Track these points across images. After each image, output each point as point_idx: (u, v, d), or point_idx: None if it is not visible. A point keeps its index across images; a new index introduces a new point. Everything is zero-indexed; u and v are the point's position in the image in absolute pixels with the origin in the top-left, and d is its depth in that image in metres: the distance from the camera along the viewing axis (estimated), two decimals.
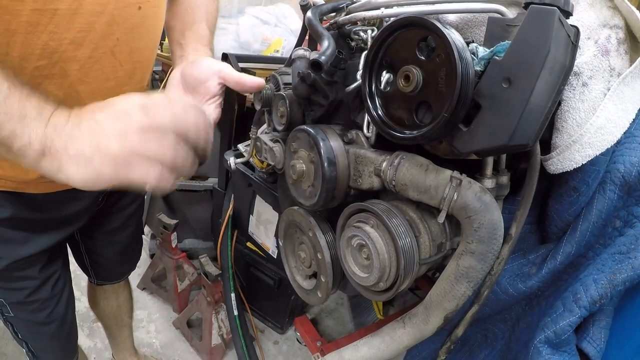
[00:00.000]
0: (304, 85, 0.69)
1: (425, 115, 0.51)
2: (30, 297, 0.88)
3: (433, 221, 0.58)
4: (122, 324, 1.41)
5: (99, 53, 0.66)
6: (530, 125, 0.45)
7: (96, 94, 0.70)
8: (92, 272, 1.19)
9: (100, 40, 0.65)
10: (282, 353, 1.74)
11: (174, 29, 0.82)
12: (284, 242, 0.84)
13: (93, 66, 0.67)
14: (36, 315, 0.92)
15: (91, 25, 0.63)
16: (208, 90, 0.73)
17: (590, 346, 0.62)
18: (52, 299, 0.93)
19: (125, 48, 0.70)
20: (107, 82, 0.71)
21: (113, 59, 0.69)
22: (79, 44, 0.63)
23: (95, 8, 0.62)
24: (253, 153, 0.91)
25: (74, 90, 0.67)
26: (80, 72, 0.66)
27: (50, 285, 0.91)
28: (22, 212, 0.79)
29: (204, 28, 0.82)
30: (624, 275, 0.58)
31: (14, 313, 0.90)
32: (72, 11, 0.59)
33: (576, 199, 0.63)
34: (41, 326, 0.95)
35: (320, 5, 0.77)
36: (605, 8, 0.57)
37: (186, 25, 0.81)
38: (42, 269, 0.88)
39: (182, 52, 0.78)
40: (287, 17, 1.90)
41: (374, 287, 0.58)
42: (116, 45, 0.68)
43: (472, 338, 0.86)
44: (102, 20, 0.63)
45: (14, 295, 0.87)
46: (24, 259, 0.83)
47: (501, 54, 0.45)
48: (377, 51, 0.54)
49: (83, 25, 0.62)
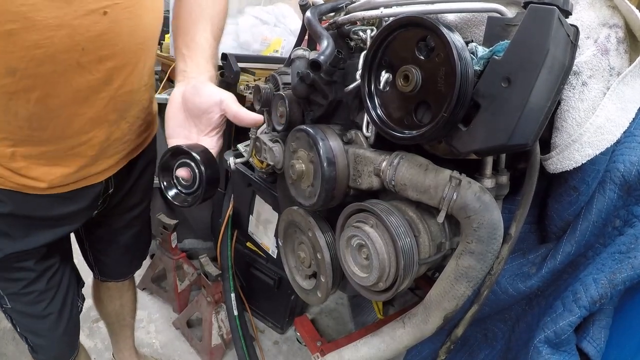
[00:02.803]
0: (303, 85, 0.69)
1: (424, 115, 0.51)
2: (27, 289, 0.89)
3: (432, 221, 0.58)
4: (124, 323, 1.41)
5: (63, 66, 0.63)
6: (530, 124, 0.45)
7: (67, 104, 0.69)
8: (96, 268, 1.21)
9: (63, 53, 0.62)
10: (282, 353, 1.74)
11: (177, 34, 0.80)
12: (283, 242, 0.84)
13: (58, 79, 0.64)
14: (33, 308, 0.93)
15: (49, 40, 0.59)
16: (210, 122, 0.71)
17: (590, 346, 0.62)
18: (48, 292, 0.93)
19: (94, 57, 0.66)
20: (78, 93, 0.68)
21: (80, 69, 0.66)
22: (40, 61, 0.61)
23: (51, 22, 0.58)
24: (253, 153, 0.91)
25: (42, 104, 0.66)
26: (46, 87, 0.64)
27: (46, 278, 0.92)
28: (20, 209, 0.80)
29: (207, 38, 0.79)
30: (624, 274, 0.57)
31: (11, 304, 0.92)
32: (26, 29, 0.57)
33: (576, 198, 0.63)
34: (38, 319, 0.96)
35: (319, 5, 0.77)
36: (604, 7, 0.57)
37: (188, 32, 0.78)
38: (38, 262, 0.89)
39: (184, 66, 0.76)
40: (287, 17, 1.90)
41: (373, 287, 0.58)
42: (82, 55, 0.64)
43: (472, 338, 0.86)
44: (61, 33, 0.60)
45: (11, 285, 0.89)
46: (21, 252, 0.84)
47: (500, 53, 0.45)
48: (377, 51, 0.54)
49: (40, 42, 0.59)
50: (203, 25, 0.79)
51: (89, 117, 0.74)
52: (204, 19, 0.80)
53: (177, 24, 0.81)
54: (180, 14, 0.81)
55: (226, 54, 1.46)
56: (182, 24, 0.80)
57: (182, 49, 0.77)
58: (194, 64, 0.75)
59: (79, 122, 0.73)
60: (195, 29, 0.78)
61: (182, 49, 0.77)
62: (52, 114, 0.68)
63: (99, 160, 0.84)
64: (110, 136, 0.81)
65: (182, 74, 0.75)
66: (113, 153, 0.86)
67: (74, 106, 0.70)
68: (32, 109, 0.65)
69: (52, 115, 0.68)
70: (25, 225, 0.83)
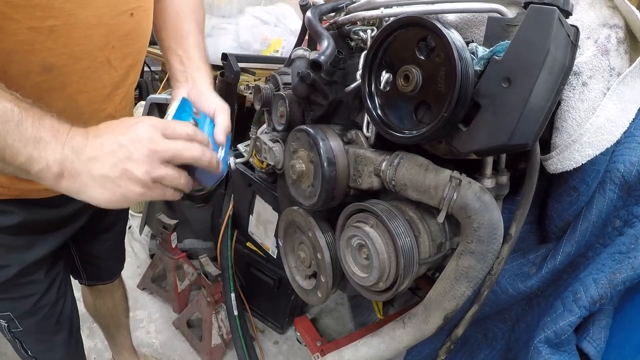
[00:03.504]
0: (304, 85, 0.69)
1: (424, 115, 0.51)
2: (39, 303, 0.87)
3: (433, 221, 0.58)
4: (119, 323, 1.41)
5: (96, 63, 0.66)
6: (530, 124, 0.45)
7: (93, 100, 0.71)
8: (84, 273, 1.17)
9: (98, 50, 0.65)
10: (282, 353, 1.74)
11: (167, 38, 0.81)
12: (283, 242, 0.84)
13: (91, 76, 0.67)
14: (46, 324, 0.91)
15: (89, 38, 0.62)
16: None
17: (590, 346, 0.62)
18: (58, 302, 0.92)
19: (120, 55, 0.70)
20: (103, 89, 0.71)
21: (109, 67, 0.69)
22: (78, 58, 0.63)
23: (91, 20, 0.61)
24: (253, 153, 0.91)
25: (72, 100, 0.67)
26: (79, 83, 0.66)
27: (55, 287, 0.90)
28: (29, 216, 0.78)
29: (200, 40, 0.81)
30: (624, 275, 0.57)
31: (22, 326, 0.88)
32: (69, 26, 0.59)
33: (576, 198, 0.63)
34: (51, 336, 0.94)
35: (319, 5, 0.77)
36: (605, 7, 0.57)
37: (181, 35, 0.80)
38: (48, 272, 0.87)
39: (183, 66, 0.78)
40: (287, 17, 1.90)
41: (373, 287, 0.58)
42: (112, 53, 0.68)
43: (472, 338, 0.86)
44: (99, 31, 0.63)
45: (22, 304, 0.86)
46: (31, 264, 0.82)
47: (501, 53, 0.45)
48: (377, 51, 0.54)
49: (81, 39, 0.61)
50: (191, 22, 0.81)
51: (108, 113, 0.76)
52: (189, 16, 0.81)
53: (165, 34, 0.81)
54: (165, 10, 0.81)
55: (226, 54, 1.46)
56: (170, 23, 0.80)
57: (176, 50, 0.79)
58: (193, 66, 0.77)
59: (99, 118, 0.74)
60: (185, 28, 0.80)
61: (178, 50, 0.78)
62: (79, 111, 0.69)
63: None
64: None
65: (182, 74, 0.77)
66: None
67: (98, 103, 0.72)
68: (62, 106, 0.65)
69: (78, 113, 0.69)
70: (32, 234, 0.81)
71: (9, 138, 0.46)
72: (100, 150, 0.50)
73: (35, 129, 0.47)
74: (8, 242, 0.78)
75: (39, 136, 0.47)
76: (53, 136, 0.48)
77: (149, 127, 0.52)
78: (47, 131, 0.48)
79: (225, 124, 0.71)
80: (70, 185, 0.50)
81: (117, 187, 0.50)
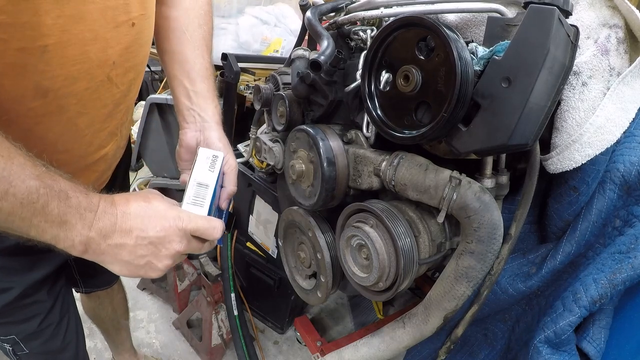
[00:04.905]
0: (304, 85, 0.69)
1: (424, 115, 0.51)
2: (44, 323, 0.85)
3: (432, 221, 0.58)
4: (119, 326, 1.40)
5: (96, 82, 0.61)
6: (530, 124, 0.45)
7: (94, 121, 0.67)
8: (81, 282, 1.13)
9: (97, 68, 0.59)
10: (282, 353, 1.74)
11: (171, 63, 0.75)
12: (283, 242, 0.84)
13: (91, 96, 0.62)
14: (52, 343, 0.89)
15: (85, 56, 0.56)
16: None
17: (590, 346, 0.62)
18: (62, 321, 0.90)
19: (121, 70, 0.64)
20: (104, 108, 0.67)
21: (109, 84, 0.64)
22: (75, 78, 0.57)
23: (87, 35, 0.55)
24: (253, 153, 0.91)
25: (72, 124, 0.63)
26: (78, 105, 0.61)
27: (59, 305, 0.89)
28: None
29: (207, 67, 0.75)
30: (624, 274, 0.57)
31: (28, 349, 0.86)
32: (63, 44, 0.53)
33: (576, 198, 0.63)
34: (58, 354, 0.92)
35: (319, 5, 0.77)
36: (604, 7, 0.57)
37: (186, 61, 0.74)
38: (50, 290, 0.85)
39: (189, 103, 0.73)
40: (287, 17, 1.90)
41: (373, 287, 0.58)
42: (112, 69, 0.62)
43: (472, 338, 0.86)
44: (95, 47, 0.57)
45: (27, 326, 0.84)
46: (34, 284, 0.80)
47: (500, 53, 0.45)
48: (377, 51, 0.54)
49: (77, 57, 0.56)
50: (200, 49, 0.75)
51: (110, 131, 0.72)
52: (199, 43, 0.76)
53: (168, 43, 0.75)
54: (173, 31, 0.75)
55: (226, 54, 1.46)
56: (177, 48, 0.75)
57: (183, 80, 0.74)
58: (200, 101, 0.73)
59: (100, 138, 0.71)
60: (191, 54, 0.74)
61: (184, 80, 0.74)
62: (79, 134, 0.65)
63: (108, 171, 0.82)
64: (118, 145, 0.80)
65: (190, 112, 0.73)
66: (113, 160, 0.85)
67: (100, 122, 0.68)
68: (61, 130, 0.61)
69: (79, 135, 0.65)
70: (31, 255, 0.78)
71: (34, 219, 0.47)
72: (128, 239, 0.52)
73: (62, 211, 0.48)
74: (8, 264, 0.76)
75: (65, 219, 0.48)
76: (80, 218, 0.49)
77: (179, 231, 0.55)
78: (74, 213, 0.49)
79: (232, 188, 0.71)
80: (93, 258, 0.53)
81: (138, 271, 0.55)
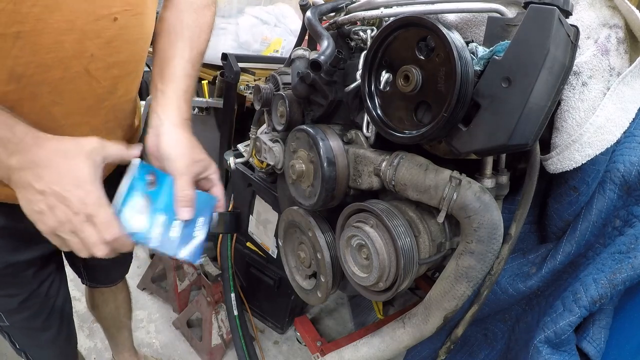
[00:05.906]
0: (304, 85, 0.69)
1: (424, 115, 0.51)
2: (26, 303, 0.86)
3: (433, 221, 0.58)
4: (120, 325, 1.40)
5: (71, 73, 0.61)
6: (530, 124, 0.45)
7: (72, 112, 0.66)
8: (86, 275, 1.16)
9: (72, 59, 0.59)
10: (282, 353, 1.74)
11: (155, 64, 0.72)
12: (283, 242, 0.84)
13: (66, 87, 0.62)
14: (33, 322, 0.90)
15: (60, 45, 0.57)
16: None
17: (590, 346, 0.62)
18: (47, 303, 0.91)
19: (102, 64, 0.64)
20: (83, 101, 0.66)
21: (88, 77, 0.63)
22: (48, 66, 0.58)
23: (62, 25, 0.56)
24: (253, 153, 0.91)
25: (47, 112, 0.63)
26: (52, 94, 0.61)
27: (44, 288, 0.89)
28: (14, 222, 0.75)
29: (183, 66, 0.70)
30: (624, 274, 0.57)
31: (9, 322, 0.88)
32: (37, 32, 0.54)
33: (576, 198, 0.63)
34: (39, 332, 0.93)
35: (319, 5, 0.77)
36: (605, 7, 0.57)
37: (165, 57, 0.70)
38: (36, 273, 0.86)
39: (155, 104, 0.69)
40: (287, 17, 1.90)
41: (373, 287, 0.58)
42: (90, 62, 0.62)
43: (472, 338, 0.86)
44: (71, 37, 0.57)
45: (9, 302, 0.85)
46: (17, 263, 0.81)
47: (501, 53, 0.45)
48: (377, 51, 0.54)
49: (50, 46, 0.56)
50: (181, 48, 0.71)
51: (93, 126, 0.71)
52: (183, 40, 0.72)
53: (156, 47, 0.73)
54: (161, 32, 0.73)
55: (226, 54, 1.46)
56: (161, 46, 0.72)
57: (157, 81, 0.69)
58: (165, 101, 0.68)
59: (81, 132, 0.69)
60: (172, 53, 0.71)
61: (157, 81, 0.69)
62: (56, 124, 0.65)
63: None
64: None
65: (152, 115, 0.68)
66: None
67: (79, 115, 0.67)
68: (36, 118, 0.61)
69: (55, 125, 0.65)
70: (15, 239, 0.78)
71: None
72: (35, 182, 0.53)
73: None
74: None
75: None
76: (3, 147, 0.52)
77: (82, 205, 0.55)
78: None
79: (183, 196, 0.62)
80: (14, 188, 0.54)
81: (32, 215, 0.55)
